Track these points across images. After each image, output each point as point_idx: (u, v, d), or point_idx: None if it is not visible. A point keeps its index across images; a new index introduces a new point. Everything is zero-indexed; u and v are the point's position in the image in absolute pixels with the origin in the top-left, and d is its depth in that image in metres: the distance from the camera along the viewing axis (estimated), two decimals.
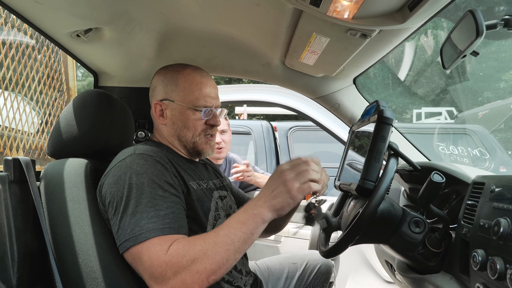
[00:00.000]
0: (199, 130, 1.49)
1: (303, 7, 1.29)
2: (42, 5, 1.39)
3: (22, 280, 1.25)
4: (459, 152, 4.88)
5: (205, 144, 1.52)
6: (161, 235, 1.17)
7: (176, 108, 1.48)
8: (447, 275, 1.37)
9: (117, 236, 1.21)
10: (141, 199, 1.21)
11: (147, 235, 1.16)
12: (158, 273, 1.12)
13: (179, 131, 1.49)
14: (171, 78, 1.50)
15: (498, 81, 7.12)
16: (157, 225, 1.18)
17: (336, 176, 1.78)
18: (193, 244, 1.14)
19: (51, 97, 3.86)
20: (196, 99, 1.47)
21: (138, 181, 1.24)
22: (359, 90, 2.18)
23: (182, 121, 1.48)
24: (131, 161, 1.29)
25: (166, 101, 1.49)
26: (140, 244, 1.16)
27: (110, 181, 1.27)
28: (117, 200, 1.23)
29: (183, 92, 1.47)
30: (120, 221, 1.20)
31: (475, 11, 1.19)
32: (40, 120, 3.76)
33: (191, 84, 1.48)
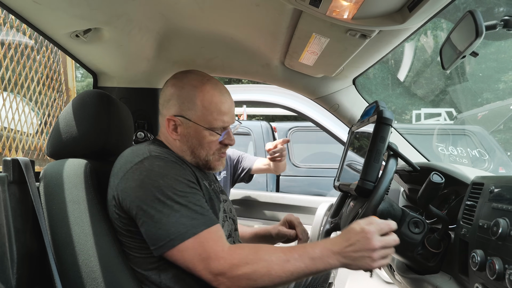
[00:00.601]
0: (213, 150, 1.46)
1: (302, 7, 1.29)
2: (41, 5, 1.39)
3: (22, 281, 1.24)
4: (458, 153, 4.88)
5: (217, 161, 1.49)
6: (207, 228, 1.22)
7: (192, 127, 1.42)
8: (446, 275, 1.37)
9: (156, 237, 1.22)
10: (173, 199, 1.23)
11: (194, 230, 1.20)
12: (215, 267, 1.18)
13: (193, 149, 1.45)
14: (188, 95, 1.42)
15: (497, 82, 7.13)
16: (199, 220, 1.23)
17: (336, 177, 1.78)
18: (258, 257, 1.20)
19: (50, 98, 3.86)
20: (214, 120, 1.42)
21: (165, 183, 1.24)
22: (359, 91, 2.18)
23: (198, 140, 1.43)
24: (150, 164, 1.29)
25: (181, 118, 1.42)
26: (191, 239, 1.19)
27: (132, 185, 1.26)
28: (147, 204, 1.22)
29: (200, 112, 1.41)
30: (157, 223, 1.21)
31: (474, 11, 1.19)
32: (39, 121, 3.75)
33: (209, 104, 1.41)
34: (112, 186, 1.32)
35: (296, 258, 1.20)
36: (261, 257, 1.20)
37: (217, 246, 1.21)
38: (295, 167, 4.98)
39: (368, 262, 1.20)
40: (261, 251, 1.22)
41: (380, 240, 1.20)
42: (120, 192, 1.28)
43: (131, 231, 1.30)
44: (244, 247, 1.24)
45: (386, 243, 1.21)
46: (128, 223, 1.30)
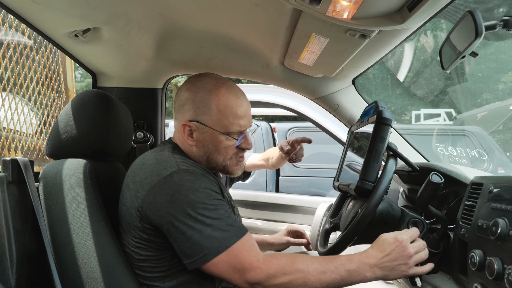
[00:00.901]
0: (230, 154, 1.44)
1: (302, 7, 1.29)
2: (40, 5, 1.38)
3: (21, 281, 1.24)
4: (458, 153, 4.88)
5: (235, 166, 1.47)
6: (239, 240, 1.22)
7: (208, 132, 1.39)
8: (445, 275, 1.38)
9: (190, 253, 1.22)
10: (204, 214, 1.22)
11: (227, 243, 1.21)
12: (251, 277, 1.20)
13: (209, 154, 1.42)
14: (202, 99, 1.39)
15: (497, 82, 7.13)
16: (232, 231, 1.23)
17: (335, 177, 1.78)
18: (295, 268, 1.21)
19: (50, 98, 3.86)
20: (230, 125, 1.39)
21: (195, 197, 1.23)
22: (358, 91, 2.18)
23: (214, 145, 1.41)
24: (180, 178, 1.26)
25: (196, 123, 1.39)
26: (224, 253, 1.20)
27: (162, 201, 1.24)
28: (179, 220, 1.21)
29: (216, 116, 1.38)
30: (190, 239, 1.21)
31: (474, 11, 1.19)
32: (38, 121, 3.75)
33: (225, 108, 1.38)
34: (134, 196, 1.29)
35: (332, 270, 1.21)
36: (298, 268, 1.21)
37: (251, 256, 1.22)
38: (295, 167, 4.99)
39: (404, 269, 1.23)
40: (298, 261, 1.23)
41: (413, 246, 1.25)
42: (147, 205, 1.26)
43: (152, 241, 1.29)
44: (280, 257, 1.25)
45: (418, 248, 1.25)
46: (153, 234, 1.29)
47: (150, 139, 2.16)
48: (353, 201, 1.56)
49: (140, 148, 2.13)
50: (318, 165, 4.98)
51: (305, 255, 1.28)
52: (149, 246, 1.30)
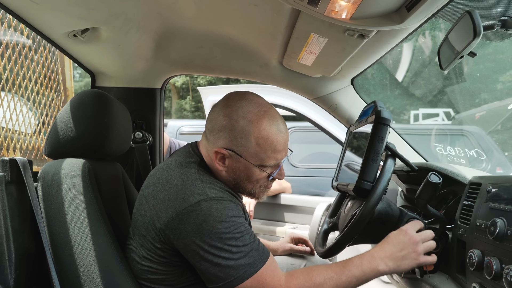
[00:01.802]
0: (260, 183, 1.40)
1: (301, 7, 1.29)
2: (38, 4, 1.38)
3: (20, 281, 1.24)
4: (456, 153, 4.88)
5: (263, 193, 1.45)
6: (263, 265, 1.24)
7: (242, 162, 1.33)
8: (444, 275, 1.38)
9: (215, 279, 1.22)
10: (231, 243, 1.22)
11: (252, 270, 1.22)
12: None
13: (239, 181, 1.37)
14: (242, 130, 1.30)
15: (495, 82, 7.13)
16: (257, 258, 1.24)
17: (334, 177, 1.78)
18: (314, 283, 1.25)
19: (48, 98, 3.85)
20: (267, 158, 1.33)
21: (223, 227, 1.21)
22: (357, 91, 2.18)
23: (246, 175, 1.36)
24: (208, 208, 1.22)
25: (231, 152, 1.32)
26: (249, 279, 1.22)
27: (188, 229, 1.21)
28: (204, 250, 1.21)
29: (254, 149, 1.31)
30: (215, 266, 1.21)
31: (472, 11, 1.19)
32: (37, 121, 3.75)
33: (265, 143, 1.31)
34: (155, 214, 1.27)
35: (347, 274, 1.26)
36: (316, 282, 1.25)
37: (274, 281, 1.24)
38: (293, 167, 4.98)
39: (415, 257, 1.28)
40: (315, 275, 1.26)
41: (419, 235, 1.30)
42: (171, 230, 1.23)
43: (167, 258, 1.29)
44: (298, 275, 1.27)
45: (425, 236, 1.31)
46: (172, 253, 1.28)
47: (148, 139, 2.16)
48: (352, 201, 1.57)
49: (139, 148, 2.13)
50: (317, 165, 4.97)
51: (319, 266, 1.31)
52: (161, 262, 1.29)
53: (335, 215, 1.75)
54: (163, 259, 1.29)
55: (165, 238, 1.25)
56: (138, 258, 1.32)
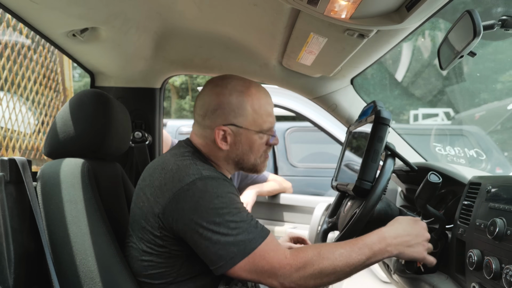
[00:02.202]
0: (261, 152, 1.45)
1: (300, 7, 1.29)
2: (37, 4, 1.38)
3: (19, 281, 1.24)
4: (456, 153, 4.88)
5: (263, 163, 1.49)
6: (264, 240, 1.23)
7: (243, 133, 1.39)
8: (443, 275, 1.38)
9: (216, 258, 1.21)
10: (230, 218, 1.22)
11: (253, 245, 1.21)
12: (282, 274, 1.21)
13: (242, 155, 1.42)
14: (238, 101, 1.38)
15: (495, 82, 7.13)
16: (256, 233, 1.23)
17: (333, 177, 1.78)
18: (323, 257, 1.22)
19: (48, 97, 3.85)
20: (264, 123, 1.41)
21: (220, 202, 1.23)
22: (357, 91, 2.18)
23: (248, 145, 1.41)
24: (204, 185, 1.25)
25: (231, 126, 1.38)
26: (251, 254, 1.21)
27: (185, 207, 1.23)
28: (203, 227, 1.21)
29: (251, 116, 1.39)
30: (216, 244, 1.21)
31: (472, 11, 1.19)
32: (36, 121, 3.75)
33: (259, 108, 1.40)
34: (154, 201, 1.28)
35: (357, 252, 1.23)
36: (325, 256, 1.22)
37: (278, 255, 1.23)
38: (293, 167, 4.98)
39: (421, 250, 1.28)
40: (323, 250, 1.24)
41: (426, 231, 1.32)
42: (169, 212, 1.24)
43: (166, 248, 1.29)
44: (305, 249, 1.26)
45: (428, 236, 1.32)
46: (170, 241, 1.28)
47: (148, 138, 2.15)
48: (351, 201, 1.56)
49: (138, 147, 2.13)
50: (316, 165, 4.97)
51: (329, 243, 1.31)
52: (161, 253, 1.29)
53: (334, 215, 1.74)
54: (162, 250, 1.29)
55: (164, 223, 1.25)
56: (138, 254, 1.32)
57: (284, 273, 1.21)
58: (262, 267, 1.21)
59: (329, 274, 1.22)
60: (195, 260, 1.29)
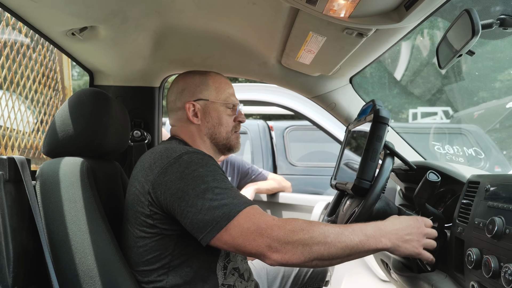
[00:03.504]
0: (231, 126, 1.58)
1: (299, 6, 1.29)
2: (36, 3, 1.38)
3: (18, 280, 1.24)
4: (455, 152, 4.88)
5: (236, 140, 1.61)
6: (250, 206, 1.23)
7: (210, 106, 1.55)
8: (442, 273, 1.38)
9: (203, 224, 1.21)
10: (215, 184, 1.24)
11: (238, 208, 1.21)
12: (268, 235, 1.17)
13: (213, 129, 1.55)
14: (200, 80, 1.57)
15: (493, 81, 7.13)
16: (241, 199, 1.24)
17: (332, 175, 1.78)
18: (313, 226, 1.20)
19: (47, 96, 3.84)
20: (227, 97, 1.57)
21: (205, 170, 1.27)
22: (356, 90, 2.18)
23: (217, 118, 1.55)
24: (189, 157, 1.31)
25: (199, 101, 1.54)
26: (236, 218, 1.19)
27: (172, 178, 1.26)
28: (189, 194, 1.23)
29: (215, 91, 1.56)
30: (201, 210, 1.21)
31: (471, 10, 1.19)
32: (35, 119, 3.74)
33: (221, 84, 1.58)
34: (145, 181, 1.32)
35: (350, 232, 1.21)
36: (316, 226, 1.21)
37: (266, 217, 1.21)
38: (292, 166, 4.98)
39: (416, 246, 1.26)
40: (315, 223, 1.23)
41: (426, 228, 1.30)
42: (158, 185, 1.28)
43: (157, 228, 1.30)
44: (297, 219, 1.24)
45: (432, 233, 1.30)
46: (159, 219, 1.30)
47: (147, 137, 2.15)
48: (350, 200, 1.57)
49: (137, 146, 2.13)
50: (316, 164, 4.97)
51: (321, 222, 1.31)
52: (153, 234, 1.31)
53: (333, 214, 1.75)
54: (153, 231, 1.31)
55: (153, 199, 1.28)
56: (133, 242, 1.34)
57: (272, 233, 1.18)
58: (248, 229, 1.19)
59: (319, 243, 1.17)
60: (188, 241, 1.30)
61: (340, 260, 1.21)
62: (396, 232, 1.25)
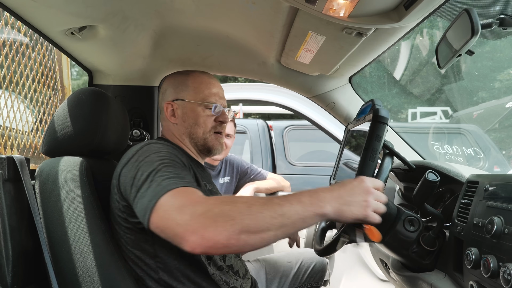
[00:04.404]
0: (209, 127, 1.56)
1: (299, 5, 1.29)
2: (36, 2, 1.38)
3: (17, 279, 1.24)
4: (454, 151, 4.89)
5: (215, 141, 1.58)
6: (183, 187, 1.11)
7: (187, 106, 1.55)
8: (441, 273, 1.38)
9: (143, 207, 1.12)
10: (160, 168, 1.18)
11: (170, 187, 1.10)
12: (190, 212, 1.03)
13: (190, 129, 1.55)
14: (180, 80, 1.58)
15: (493, 81, 7.14)
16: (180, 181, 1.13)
17: (332, 175, 1.78)
18: (237, 197, 1.15)
19: (46, 96, 3.84)
20: (206, 97, 1.55)
21: (156, 156, 1.26)
22: (355, 89, 2.18)
23: (193, 118, 1.54)
24: (147, 146, 1.32)
25: (177, 101, 1.56)
26: (165, 195, 1.08)
27: (129, 167, 1.27)
28: (137, 178, 1.20)
29: (193, 91, 1.55)
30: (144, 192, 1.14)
31: (470, 10, 1.19)
32: (34, 119, 3.74)
33: (200, 84, 1.56)
34: (115, 176, 1.34)
35: (281, 199, 1.07)
36: (239, 197, 1.12)
37: (193, 195, 1.09)
38: (291, 166, 4.99)
39: (363, 206, 1.12)
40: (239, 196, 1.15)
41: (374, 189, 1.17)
42: (121, 176, 1.29)
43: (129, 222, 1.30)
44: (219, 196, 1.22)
45: (380, 196, 1.17)
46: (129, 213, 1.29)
47: (146, 137, 2.15)
48: None
49: None
50: (315, 163, 4.98)
51: None
52: (128, 230, 1.32)
53: None
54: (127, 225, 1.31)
55: (120, 191, 1.29)
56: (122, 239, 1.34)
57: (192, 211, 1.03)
58: (171, 206, 1.06)
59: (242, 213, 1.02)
60: None
61: (273, 233, 1.03)
62: (339, 196, 1.11)
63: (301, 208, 1.06)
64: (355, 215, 1.12)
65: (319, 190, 1.12)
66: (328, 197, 1.10)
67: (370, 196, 1.14)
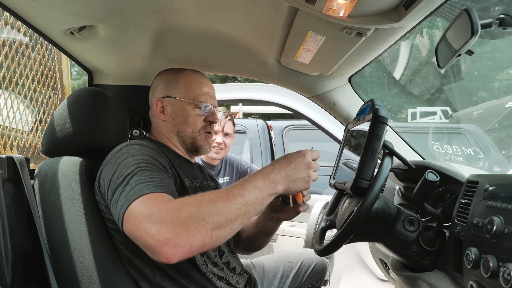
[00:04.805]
0: (198, 126, 1.55)
1: (298, 5, 1.29)
2: (36, 2, 1.38)
3: (17, 279, 1.24)
4: (454, 151, 4.89)
5: (204, 141, 1.57)
6: (155, 192, 1.10)
7: (177, 104, 1.53)
8: (441, 273, 1.38)
9: (115, 211, 1.13)
10: (136, 172, 1.17)
11: (141, 192, 1.09)
12: (157, 219, 1.02)
13: (179, 127, 1.54)
14: (172, 77, 1.57)
15: (492, 80, 7.14)
16: (152, 185, 1.12)
17: (331, 175, 1.78)
18: (201, 196, 1.10)
19: (45, 95, 3.84)
20: (197, 96, 1.54)
21: (133, 160, 1.22)
22: (355, 89, 2.18)
23: (183, 116, 1.53)
24: (126, 148, 1.30)
25: (167, 98, 1.55)
26: (135, 201, 1.08)
27: (107, 169, 1.25)
28: (113, 181, 1.19)
29: (184, 89, 1.54)
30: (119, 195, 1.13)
31: (470, 10, 1.19)
32: (34, 118, 3.74)
33: (191, 83, 1.55)
34: (97, 177, 1.32)
35: (239, 189, 1.14)
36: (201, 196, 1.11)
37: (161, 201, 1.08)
38: None
39: (307, 182, 1.27)
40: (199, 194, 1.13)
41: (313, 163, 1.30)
42: (99, 177, 1.29)
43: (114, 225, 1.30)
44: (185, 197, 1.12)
45: (316, 166, 1.31)
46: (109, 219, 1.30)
47: (146, 136, 2.15)
48: (349, 199, 1.57)
49: None
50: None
51: None
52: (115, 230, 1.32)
53: (332, 213, 1.74)
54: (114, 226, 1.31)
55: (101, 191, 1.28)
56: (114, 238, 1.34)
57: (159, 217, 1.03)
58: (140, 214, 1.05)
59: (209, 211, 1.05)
60: None
61: (240, 221, 1.10)
62: (286, 174, 1.23)
63: (259, 193, 1.17)
64: (299, 189, 1.27)
65: (268, 171, 1.23)
66: (278, 178, 1.22)
67: (311, 170, 1.28)
